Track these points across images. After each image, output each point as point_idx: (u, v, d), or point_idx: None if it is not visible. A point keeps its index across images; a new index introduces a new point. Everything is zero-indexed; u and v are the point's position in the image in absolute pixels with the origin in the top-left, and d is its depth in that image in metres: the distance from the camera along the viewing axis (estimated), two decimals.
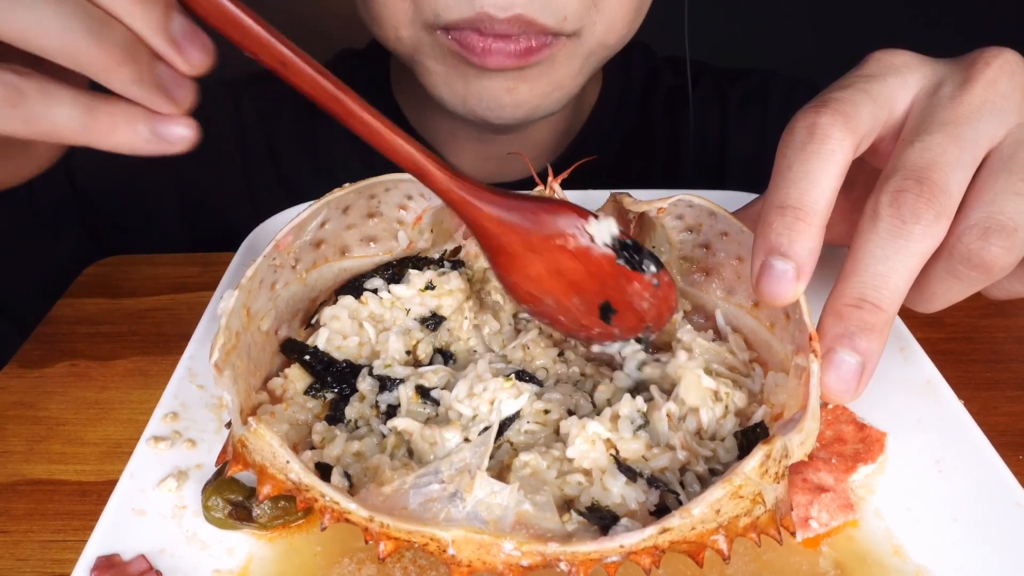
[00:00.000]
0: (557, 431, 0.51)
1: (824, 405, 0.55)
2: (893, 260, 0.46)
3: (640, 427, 0.49)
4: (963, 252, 0.48)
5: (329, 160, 1.00)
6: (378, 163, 0.50)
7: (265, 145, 1.00)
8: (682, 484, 0.47)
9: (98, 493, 0.55)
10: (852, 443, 0.52)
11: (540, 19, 0.67)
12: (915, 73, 0.52)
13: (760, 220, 0.48)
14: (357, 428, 0.53)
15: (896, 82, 0.51)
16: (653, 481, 0.46)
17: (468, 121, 0.84)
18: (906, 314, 0.64)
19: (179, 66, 0.41)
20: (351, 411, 0.53)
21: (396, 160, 0.46)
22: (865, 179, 0.54)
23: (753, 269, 0.48)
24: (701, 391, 0.50)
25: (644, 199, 0.59)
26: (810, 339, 0.46)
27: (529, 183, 0.61)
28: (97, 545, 0.47)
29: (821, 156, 0.48)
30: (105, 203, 0.99)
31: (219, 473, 0.49)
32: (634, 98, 1.04)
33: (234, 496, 0.48)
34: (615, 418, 0.48)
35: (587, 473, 0.47)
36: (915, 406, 0.56)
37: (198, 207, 1.00)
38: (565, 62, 0.73)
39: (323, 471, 0.48)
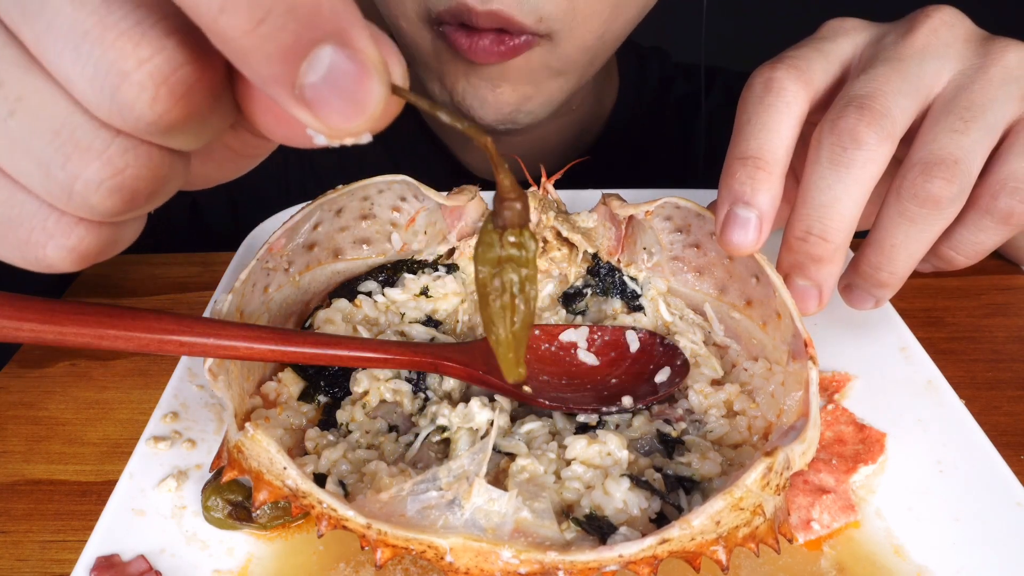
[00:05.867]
0: (552, 431, 0.51)
1: (824, 406, 0.55)
2: (835, 189, 0.48)
3: None
4: (908, 189, 0.49)
5: (323, 163, 1.00)
6: (371, 167, 0.50)
7: None
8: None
9: (98, 493, 0.55)
10: (852, 444, 0.52)
11: (517, 16, 0.68)
12: (862, 33, 0.55)
13: (723, 172, 0.50)
14: (350, 433, 0.52)
15: (846, 41, 0.55)
16: (655, 490, 0.46)
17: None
18: (907, 313, 0.64)
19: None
20: (342, 415, 0.53)
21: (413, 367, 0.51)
22: None
23: (717, 220, 0.50)
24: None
25: (637, 200, 0.59)
26: (805, 345, 0.46)
27: (526, 186, 0.61)
28: (97, 545, 0.47)
29: (777, 108, 0.50)
30: None
31: (217, 475, 0.49)
32: (648, 104, 1.04)
33: (234, 496, 0.48)
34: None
35: (591, 467, 0.47)
36: (916, 406, 0.55)
37: (185, 211, 1.00)
38: (542, 66, 0.74)
39: (318, 480, 0.47)
